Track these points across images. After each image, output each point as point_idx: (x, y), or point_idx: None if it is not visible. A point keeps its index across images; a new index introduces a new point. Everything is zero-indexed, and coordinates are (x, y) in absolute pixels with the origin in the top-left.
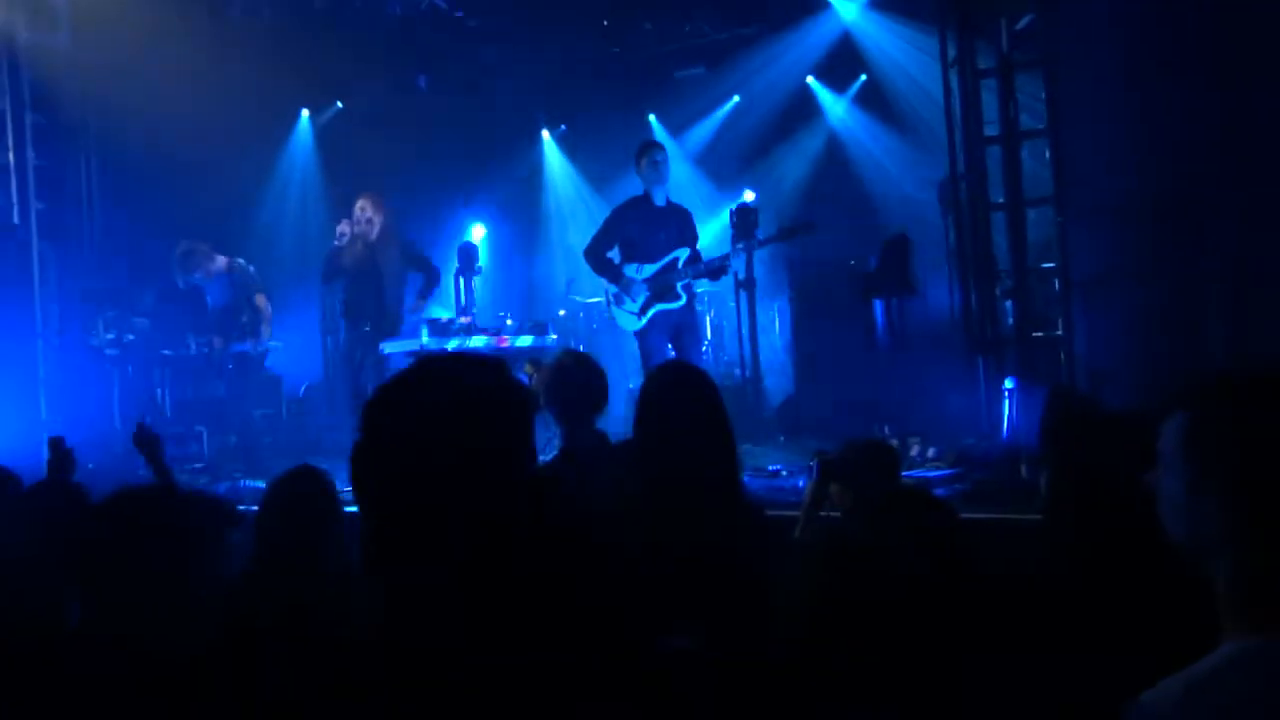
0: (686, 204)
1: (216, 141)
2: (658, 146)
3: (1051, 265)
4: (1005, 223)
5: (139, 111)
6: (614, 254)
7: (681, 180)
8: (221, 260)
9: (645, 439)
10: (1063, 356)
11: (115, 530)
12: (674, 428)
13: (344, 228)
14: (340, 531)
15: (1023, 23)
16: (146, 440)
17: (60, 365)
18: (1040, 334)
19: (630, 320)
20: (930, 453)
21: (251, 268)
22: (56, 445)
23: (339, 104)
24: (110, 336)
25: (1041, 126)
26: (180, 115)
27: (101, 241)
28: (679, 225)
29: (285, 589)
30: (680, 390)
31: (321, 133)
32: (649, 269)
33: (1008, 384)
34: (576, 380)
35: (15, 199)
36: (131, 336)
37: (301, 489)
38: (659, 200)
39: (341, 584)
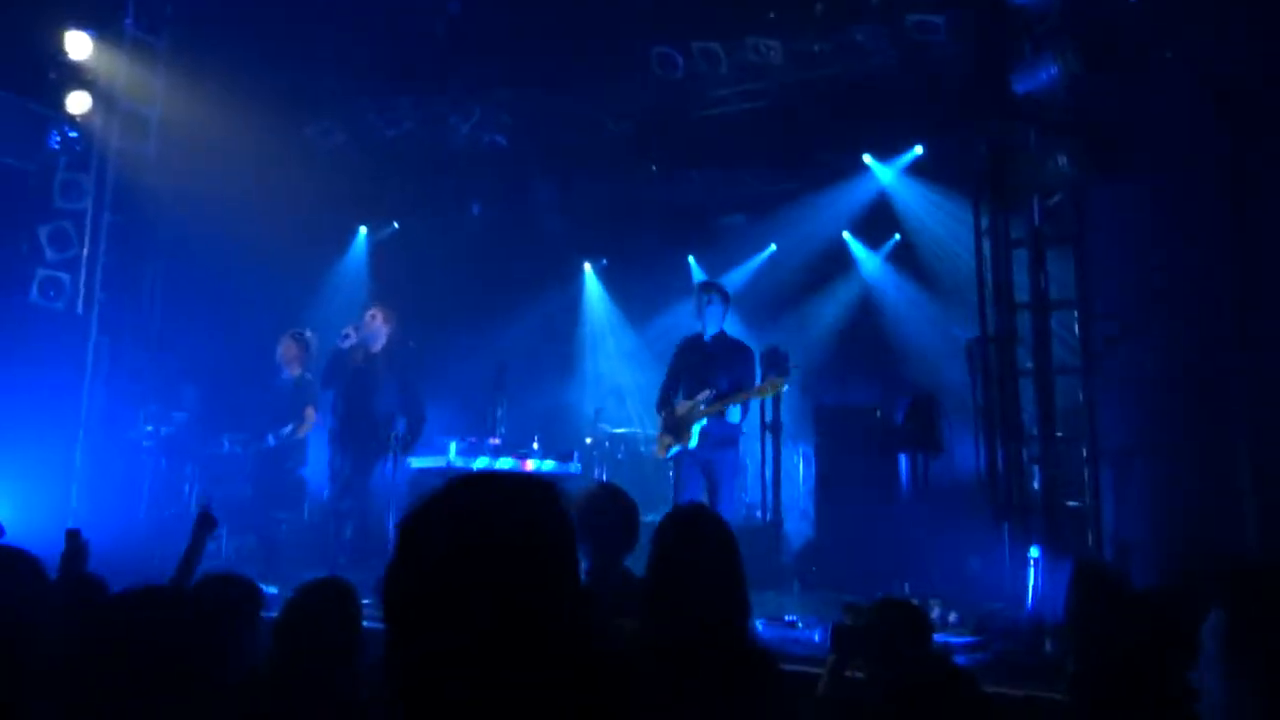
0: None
1: (276, 251)
2: (710, 286)
3: (1077, 437)
4: (1033, 388)
5: (209, 218)
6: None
7: None
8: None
9: (655, 583)
10: (1090, 534)
11: (127, 627)
12: (684, 574)
13: (350, 331)
14: (357, 648)
15: (1054, 199)
16: (206, 525)
17: (98, 454)
18: (1075, 503)
19: (665, 450)
20: (952, 617)
21: (310, 377)
22: (73, 538)
23: (395, 224)
24: (149, 429)
25: (1071, 297)
26: (246, 224)
27: (156, 338)
28: (725, 361)
29: (298, 697)
30: (692, 535)
31: (376, 250)
32: (684, 403)
33: (1033, 553)
34: (611, 516)
35: (82, 291)
36: (169, 430)
37: (326, 598)
38: (708, 337)
39: (352, 700)
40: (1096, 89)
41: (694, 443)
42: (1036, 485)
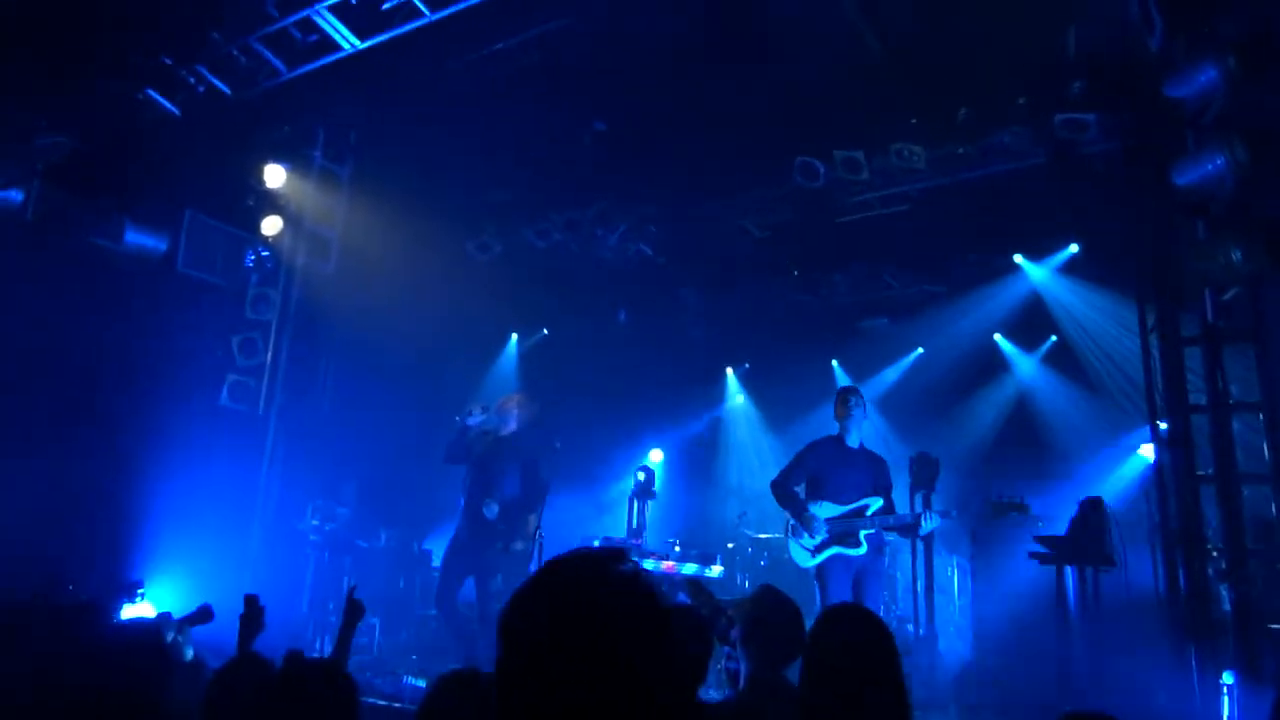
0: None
1: (436, 357)
2: (856, 391)
3: (1266, 548)
4: (1216, 497)
5: (377, 327)
6: (800, 489)
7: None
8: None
9: (814, 684)
10: None
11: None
12: (845, 678)
13: (475, 409)
14: None
15: (1229, 294)
16: (355, 610)
17: (270, 543)
18: (1275, 626)
19: (804, 556)
20: None
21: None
22: (252, 603)
23: (545, 331)
24: (315, 523)
25: (1253, 400)
26: (410, 332)
27: (325, 436)
28: (872, 471)
29: None
30: (855, 637)
31: (527, 355)
32: (834, 509)
33: (1227, 679)
34: (777, 618)
35: (264, 393)
36: (332, 525)
37: (460, 692)
38: (852, 443)
39: None
40: (1265, 180)
41: (863, 549)
42: (1225, 606)
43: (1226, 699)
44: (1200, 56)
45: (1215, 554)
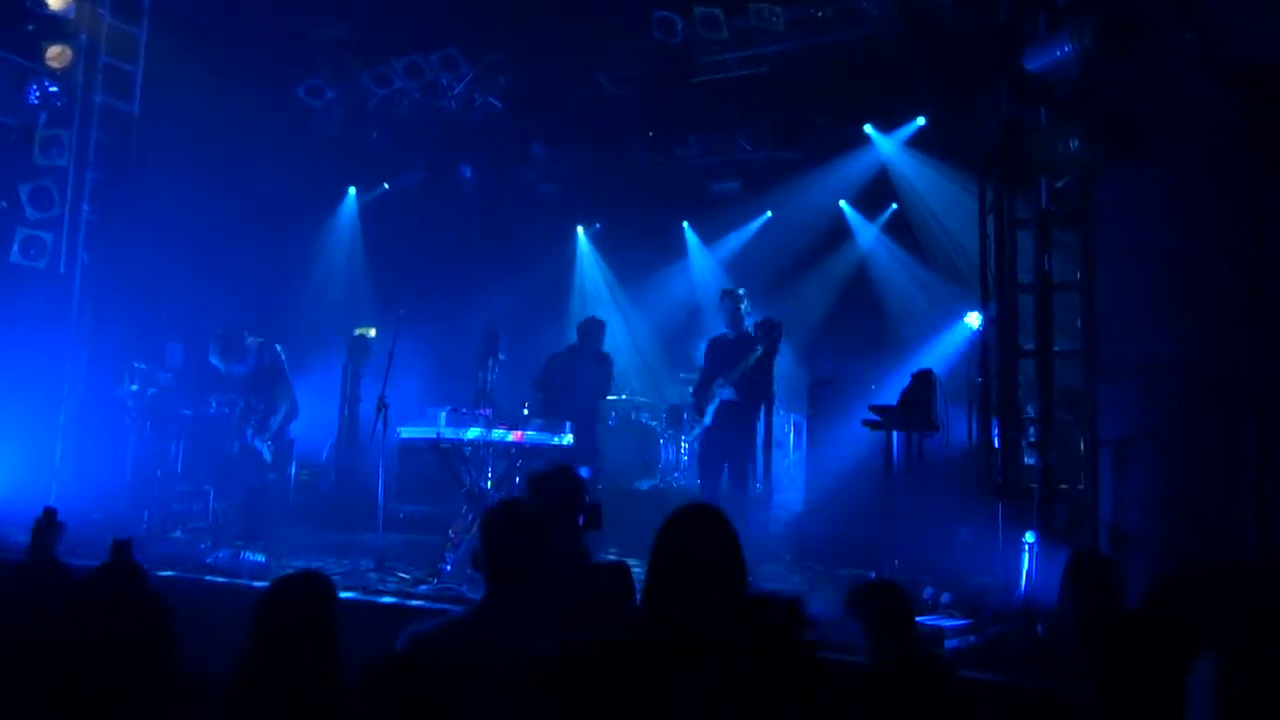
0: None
1: (266, 210)
2: (726, 293)
3: (1075, 419)
4: (1035, 370)
5: (197, 176)
6: None
7: (712, 291)
8: (253, 343)
9: (658, 582)
10: (1085, 520)
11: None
12: (690, 576)
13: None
14: (335, 645)
15: (1063, 182)
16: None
17: (82, 413)
18: (1065, 486)
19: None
20: (944, 598)
21: (283, 355)
22: (49, 516)
23: (385, 185)
24: (134, 388)
25: (1076, 279)
26: (234, 182)
27: (142, 297)
28: (739, 352)
29: (275, 696)
30: (699, 538)
31: (366, 211)
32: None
33: (1028, 538)
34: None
35: (64, 249)
36: (154, 390)
37: (303, 595)
38: (731, 335)
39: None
40: (1111, 70)
41: (707, 420)
42: (1030, 462)
43: (1027, 555)
44: None
45: (1026, 423)
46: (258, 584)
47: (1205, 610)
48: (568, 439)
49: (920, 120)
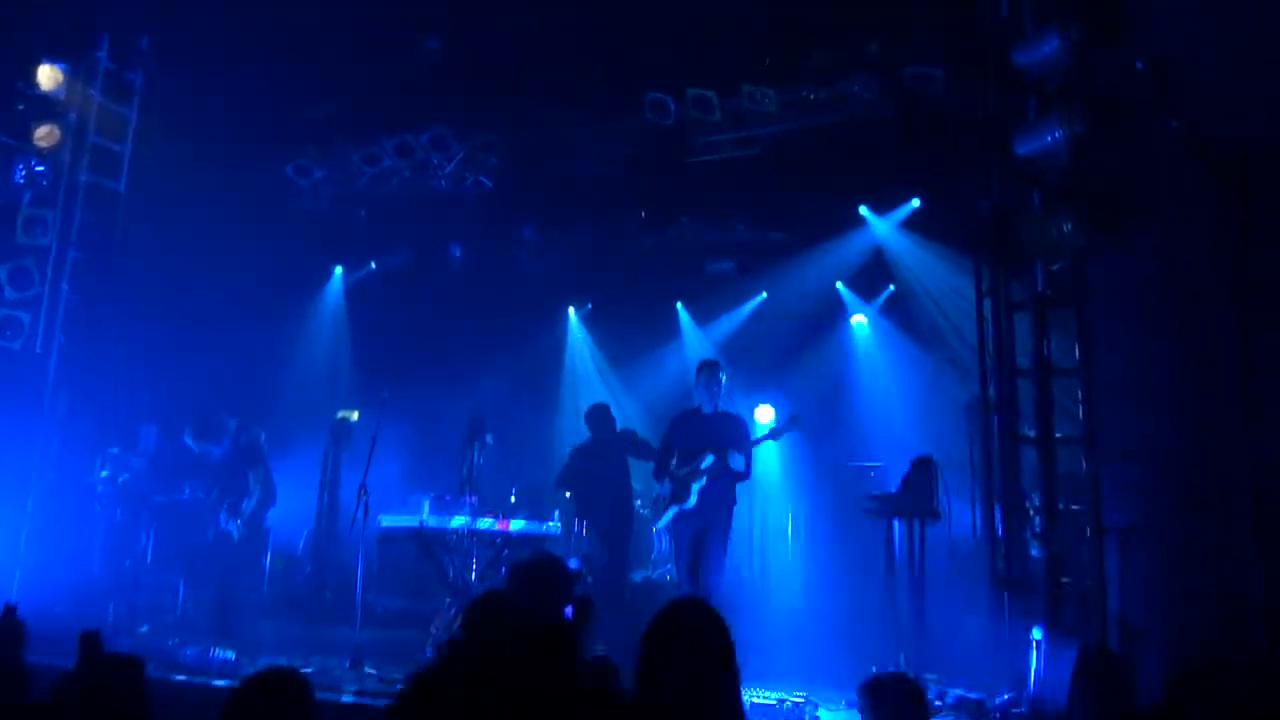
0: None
1: (249, 291)
2: (706, 365)
3: (1079, 508)
4: (1036, 458)
5: (180, 256)
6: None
7: None
8: (232, 424)
9: (646, 681)
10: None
11: None
12: (678, 680)
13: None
14: None
15: (1058, 265)
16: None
17: (51, 499)
18: (1068, 580)
19: (661, 519)
20: (949, 697)
21: (262, 438)
22: (10, 614)
23: (372, 264)
24: (105, 474)
25: (1073, 365)
26: (219, 263)
27: (121, 378)
28: (727, 431)
29: None
30: (686, 638)
31: (351, 291)
32: (682, 470)
33: (1035, 634)
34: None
35: (41, 330)
36: (126, 476)
37: (274, 695)
38: (707, 409)
39: None
40: (1101, 154)
41: (691, 502)
42: (1035, 553)
43: (1034, 652)
44: (1046, 26)
45: (1032, 514)
46: (225, 683)
47: (1223, 712)
48: (554, 526)
49: (915, 202)
